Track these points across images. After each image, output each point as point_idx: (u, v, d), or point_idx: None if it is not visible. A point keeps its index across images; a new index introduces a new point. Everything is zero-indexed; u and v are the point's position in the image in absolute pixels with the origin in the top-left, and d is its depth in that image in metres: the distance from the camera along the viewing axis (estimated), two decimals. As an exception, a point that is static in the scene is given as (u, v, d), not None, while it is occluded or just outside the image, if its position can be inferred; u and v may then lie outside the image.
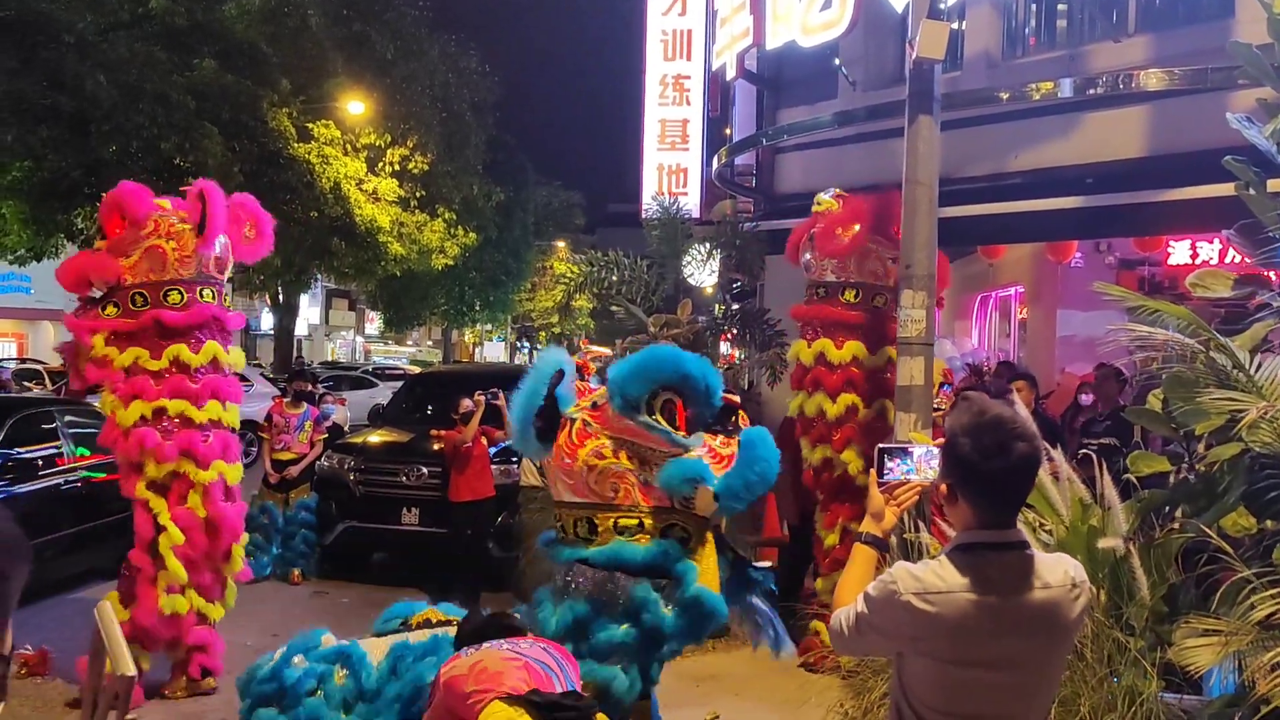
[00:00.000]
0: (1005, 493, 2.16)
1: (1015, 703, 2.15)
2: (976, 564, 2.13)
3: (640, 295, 10.34)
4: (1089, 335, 12.24)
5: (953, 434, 2.16)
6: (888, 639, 2.22)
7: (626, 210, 51.89)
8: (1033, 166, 9.24)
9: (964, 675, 2.12)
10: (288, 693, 3.75)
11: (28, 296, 33.58)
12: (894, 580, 2.16)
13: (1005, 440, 2.09)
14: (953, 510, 2.22)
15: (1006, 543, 2.17)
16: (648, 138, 15.49)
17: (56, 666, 6.49)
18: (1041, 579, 2.14)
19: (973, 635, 2.10)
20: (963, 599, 2.10)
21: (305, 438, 9.75)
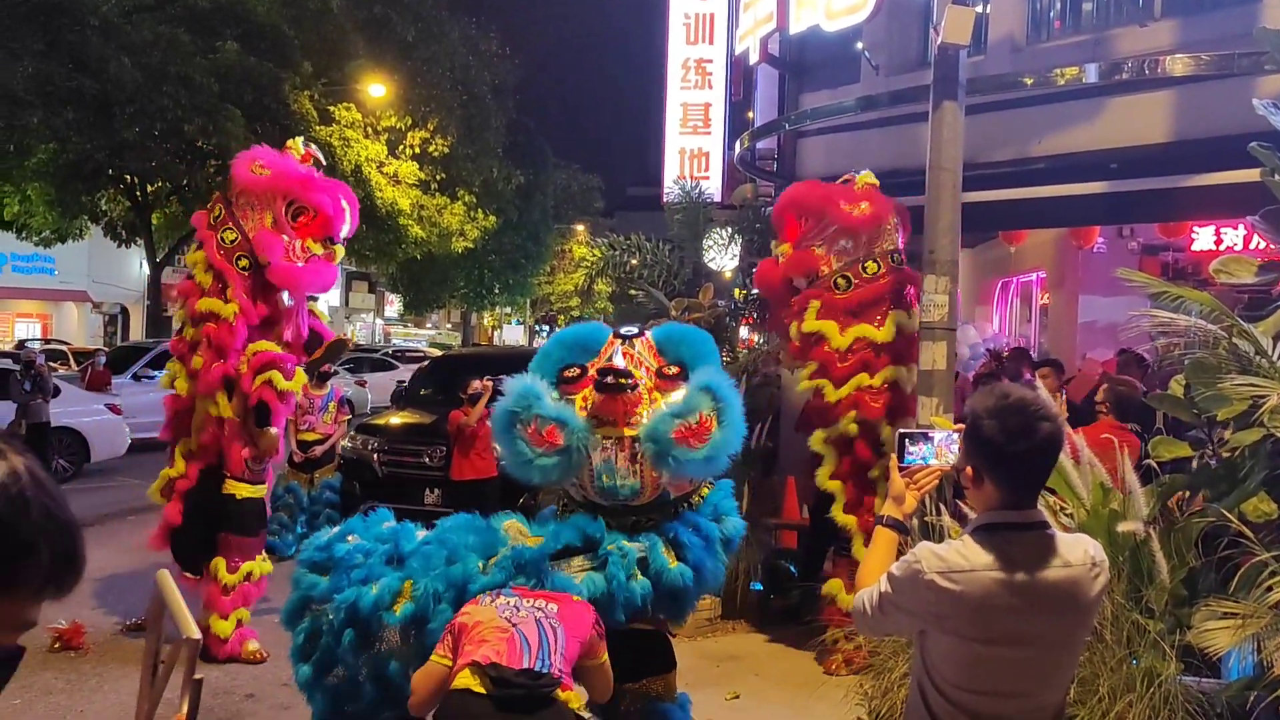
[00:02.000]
0: (1029, 473, 2.22)
1: (1037, 680, 2.21)
2: (999, 543, 2.18)
3: (662, 279, 10.38)
4: (1111, 321, 12.21)
5: (977, 417, 2.21)
6: (912, 617, 2.27)
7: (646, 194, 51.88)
8: (1057, 151, 9.18)
9: (987, 652, 2.17)
10: (335, 564, 3.84)
11: (51, 278, 33.91)
12: (918, 560, 2.21)
13: (1030, 422, 2.14)
14: (977, 492, 2.27)
15: (1028, 523, 2.22)
16: (669, 121, 15.50)
17: (91, 641, 6.61)
18: (1062, 558, 2.19)
19: (996, 613, 2.15)
20: (986, 577, 2.15)
21: (330, 418, 9.78)
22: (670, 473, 3.74)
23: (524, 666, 3.12)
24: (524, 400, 3.81)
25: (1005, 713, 2.20)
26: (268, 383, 6.33)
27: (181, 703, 1.72)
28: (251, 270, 6.38)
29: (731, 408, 3.71)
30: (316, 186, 6.46)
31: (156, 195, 23.16)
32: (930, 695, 2.26)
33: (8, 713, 5.49)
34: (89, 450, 13.30)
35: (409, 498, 9.37)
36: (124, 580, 8.33)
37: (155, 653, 1.80)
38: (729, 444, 3.71)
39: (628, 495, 3.83)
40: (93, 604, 7.57)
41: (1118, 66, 8.50)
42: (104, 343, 32.12)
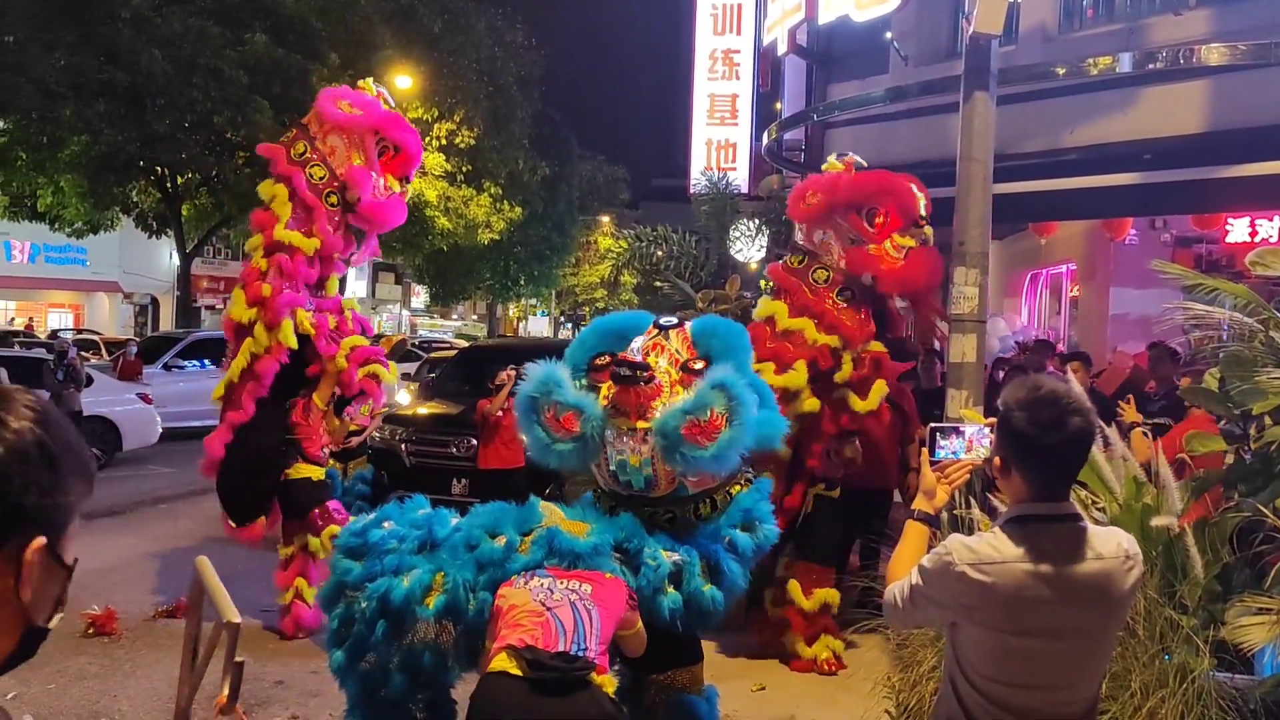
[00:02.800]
0: (1060, 466, 2.20)
1: (1068, 672, 2.19)
2: (1030, 535, 2.17)
3: (688, 270, 10.38)
4: (1142, 314, 12.09)
5: (1008, 408, 2.20)
6: (942, 609, 2.26)
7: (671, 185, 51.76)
8: (1089, 142, 9.12)
9: (1018, 644, 2.16)
10: (369, 549, 3.85)
11: (84, 269, 34.33)
12: (949, 552, 2.21)
13: (1061, 415, 2.12)
14: (1006, 483, 2.26)
15: (1060, 515, 2.21)
16: (696, 112, 15.48)
17: (123, 626, 6.70)
18: (1095, 550, 2.18)
19: (1027, 605, 2.13)
20: (1017, 569, 2.14)
21: (367, 410, 9.78)
22: (679, 468, 3.72)
23: (559, 650, 3.17)
24: (544, 386, 3.84)
25: (1037, 705, 2.18)
26: (372, 375, 6.63)
27: (223, 685, 1.74)
28: (340, 206, 6.53)
29: (744, 406, 3.65)
30: (402, 125, 6.68)
31: (186, 187, 23.36)
32: (961, 687, 2.25)
33: (42, 697, 5.58)
34: (120, 439, 13.47)
35: (436, 488, 9.41)
36: (156, 567, 8.44)
37: (195, 636, 1.82)
38: (738, 443, 3.66)
39: (642, 487, 3.82)
40: (125, 590, 7.66)
41: (1152, 56, 8.42)
42: (135, 333, 32.47)
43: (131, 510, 10.78)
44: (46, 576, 1.12)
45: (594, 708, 3.14)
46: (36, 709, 5.39)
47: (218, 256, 40.02)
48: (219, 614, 1.74)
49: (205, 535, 9.91)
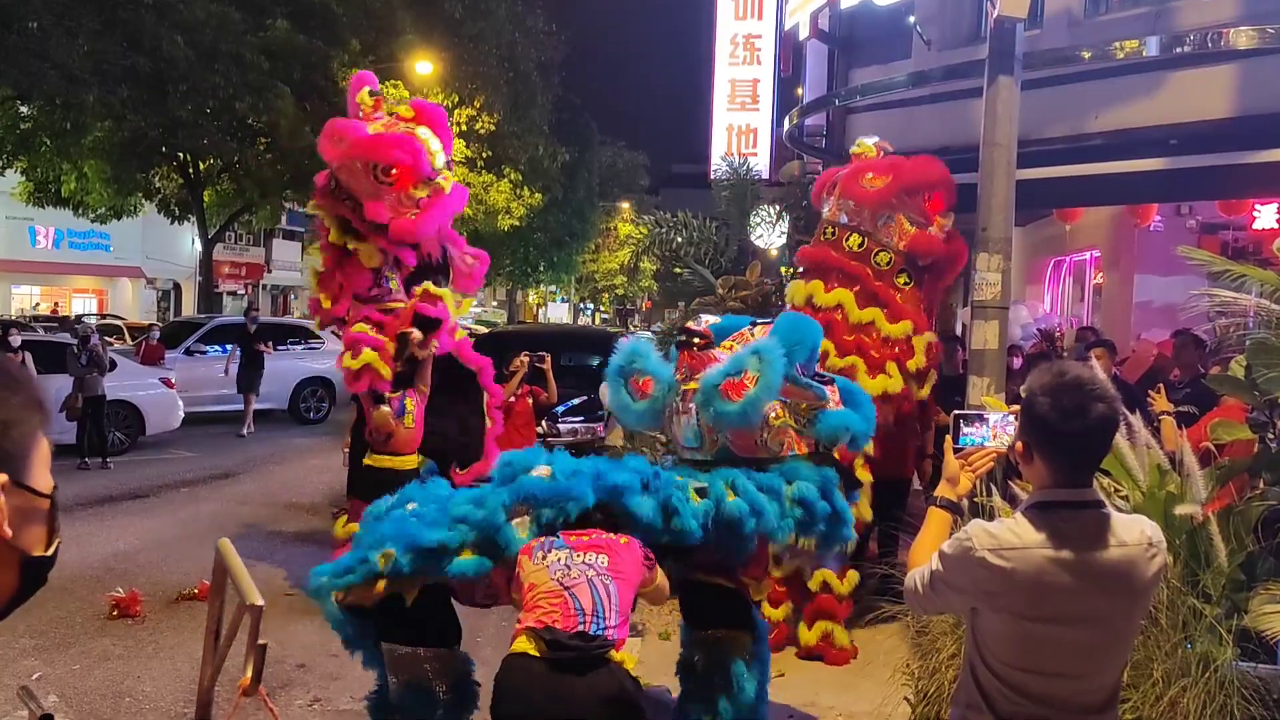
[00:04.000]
0: (1082, 453, 2.18)
1: (1089, 660, 2.17)
2: (1052, 521, 2.15)
3: (708, 256, 10.34)
4: (1167, 301, 11.97)
5: (1032, 394, 2.18)
6: (963, 595, 2.25)
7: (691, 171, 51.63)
8: (1114, 127, 9.00)
9: (1039, 631, 2.14)
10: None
11: (107, 254, 34.60)
12: (969, 537, 2.19)
13: (1084, 402, 2.10)
14: (1029, 469, 2.24)
15: (1083, 501, 2.19)
16: (717, 98, 15.41)
17: (147, 609, 6.77)
18: (1118, 537, 2.15)
19: (1048, 591, 2.12)
20: (1038, 555, 2.12)
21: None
22: (709, 420, 4.08)
23: (577, 629, 3.28)
24: (631, 356, 4.44)
25: (1057, 692, 2.17)
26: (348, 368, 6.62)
27: (246, 666, 1.74)
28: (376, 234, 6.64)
29: (771, 368, 3.88)
30: (385, 143, 6.57)
31: (208, 173, 23.49)
32: (981, 673, 2.24)
33: (67, 677, 5.65)
34: (144, 423, 13.59)
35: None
36: (179, 550, 8.52)
37: (217, 618, 1.83)
38: (760, 400, 3.93)
39: (692, 444, 4.22)
40: (149, 573, 7.74)
41: (1179, 39, 8.31)
42: (157, 318, 32.71)
43: (154, 494, 10.89)
44: (23, 508, 1.12)
45: (612, 684, 3.24)
46: (61, 689, 5.46)
47: (239, 242, 40.25)
48: (241, 596, 1.75)
49: (227, 518, 10.00)
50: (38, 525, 1.15)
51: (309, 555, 8.48)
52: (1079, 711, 2.18)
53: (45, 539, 1.16)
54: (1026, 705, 2.17)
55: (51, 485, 1.17)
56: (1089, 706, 2.20)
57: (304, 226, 39.71)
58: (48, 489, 1.16)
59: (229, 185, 24.21)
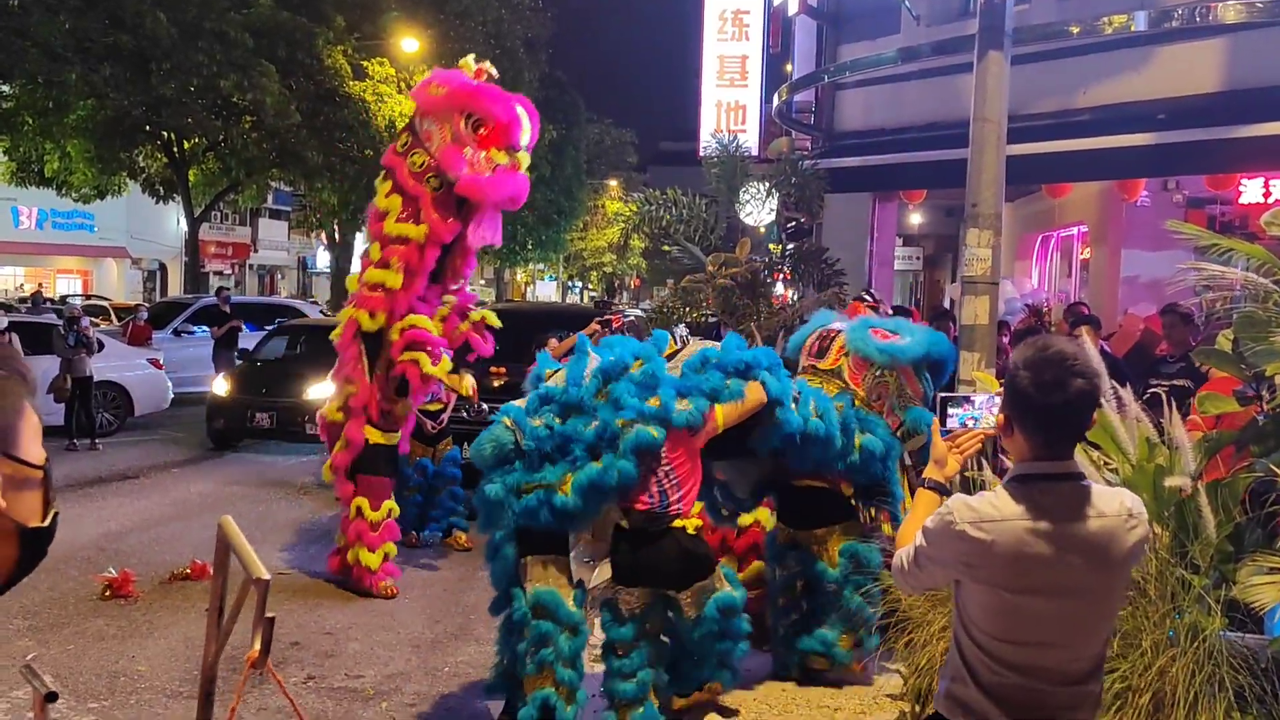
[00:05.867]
0: (1062, 427, 2.19)
1: (1070, 631, 2.20)
2: (1032, 493, 2.18)
3: (698, 234, 10.31)
4: (1154, 276, 12.03)
5: (1014, 367, 2.21)
6: (945, 569, 2.28)
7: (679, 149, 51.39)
8: (1103, 102, 9.03)
9: (1020, 602, 2.16)
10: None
11: (91, 234, 34.33)
12: (950, 511, 2.22)
13: (1064, 376, 2.12)
14: (1010, 442, 2.27)
15: (1063, 474, 2.21)
16: (706, 74, 15.33)
17: (140, 589, 6.77)
18: (1096, 508, 2.18)
19: (1028, 562, 2.14)
20: (1018, 526, 2.14)
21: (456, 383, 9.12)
22: (851, 341, 5.18)
23: (646, 509, 4.39)
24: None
25: (1040, 663, 2.20)
26: (414, 362, 6.57)
27: (254, 640, 1.75)
28: (443, 189, 6.56)
29: (916, 346, 5.12)
30: (490, 96, 6.57)
31: (193, 151, 23.30)
32: (965, 645, 2.27)
33: (61, 658, 5.65)
34: (132, 404, 13.54)
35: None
36: (170, 530, 8.52)
37: (221, 595, 1.84)
38: (896, 352, 5.11)
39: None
40: (141, 553, 7.74)
41: (1167, 14, 8.31)
42: (143, 298, 32.52)
43: (144, 475, 10.87)
44: (15, 479, 1.13)
45: (675, 547, 4.42)
46: (56, 670, 5.46)
47: (225, 222, 39.99)
48: (247, 571, 1.76)
49: (218, 498, 9.99)
50: (32, 496, 1.16)
51: (300, 535, 8.51)
52: (1061, 682, 2.21)
53: (41, 510, 1.17)
54: (1009, 675, 2.20)
55: (43, 457, 1.17)
56: (1071, 677, 2.22)
57: (290, 205, 39.48)
58: (39, 460, 1.17)
59: (214, 164, 24.03)
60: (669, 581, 4.46)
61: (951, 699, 2.30)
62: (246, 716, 5.02)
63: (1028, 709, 2.21)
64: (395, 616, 6.51)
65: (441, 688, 5.43)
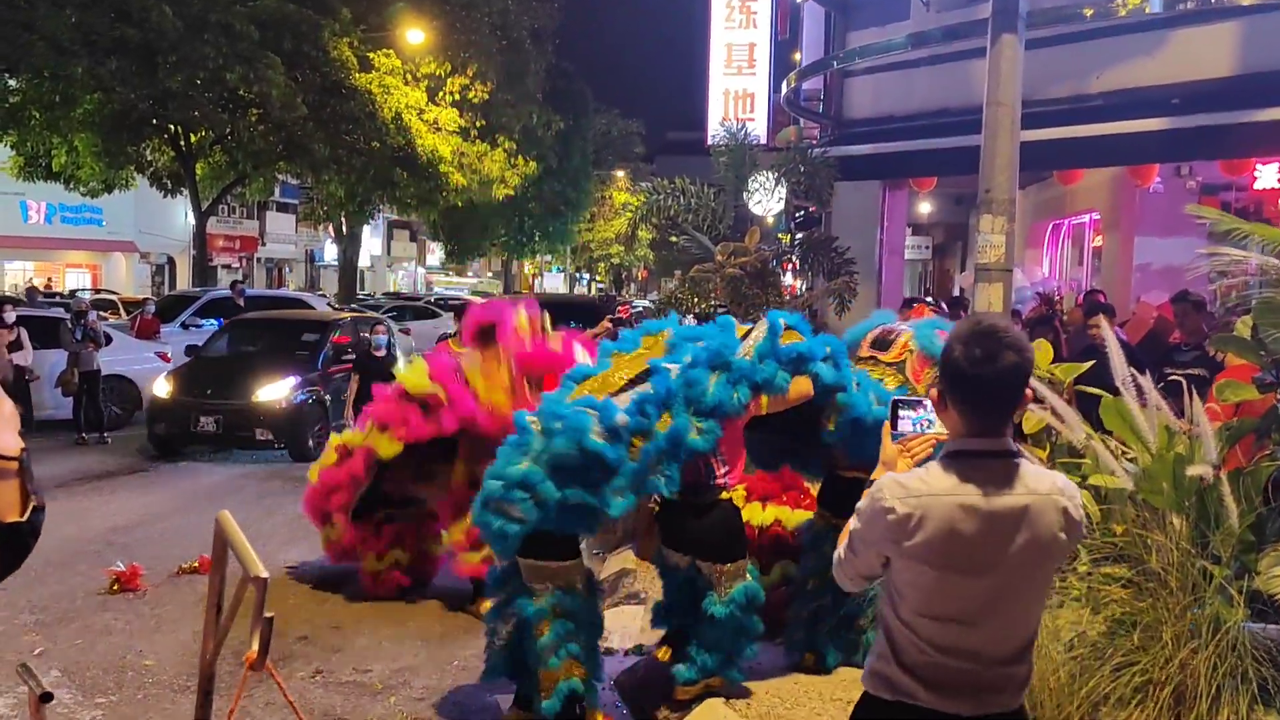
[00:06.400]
0: (992, 401, 2.18)
1: (997, 609, 2.17)
2: (963, 469, 2.17)
3: (706, 223, 10.22)
4: (1167, 263, 11.91)
5: (949, 341, 2.21)
6: (876, 548, 2.25)
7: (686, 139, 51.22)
8: (1116, 87, 8.93)
9: (947, 578, 2.15)
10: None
11: (100, 229, 34.36)
12: (880, 488, 2.22)
13: (995, 349, 2.12)
14: (945, 417, 2.27)
15: (995, 451, 2.20)
16: (714, 62, 15.20)
17: (147, 583, 6.74)
18: (1026, 485, 2.16)
19: (955, 538, 2.13)
20: (947, 501, 2.14)
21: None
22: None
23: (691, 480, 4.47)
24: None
25: (964, 644, 2.17)
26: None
27: (252, 640, 1.70)
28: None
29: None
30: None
31: (200, 145, 23.26)
32: (893, 624, 2.25)
33: (69, 652, 5.63)
34: (140, 397, 13.53)
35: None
36: (179, 523, 8.49)
37: (219, 592, 1.78)
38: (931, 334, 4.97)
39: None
40: (148, 547, 7.71)
41: (1182, -4, 8.19)
42: (151, 292, 32.56)
43: (152, 468, 10.86)
44: None
45: (721, 515, 4.61)
46: (64, 664, 5.44)
47: (233, 215, 40.00)
48: (245, 569, 1.70)
49: (227, 491, 9.97)
50: (7, 488, 1.09)
51: (309, 527, 8.45)
52: (988, 663, 2.19)
53: (19, 504, 1.10)
54: (933, 655, 2.18)
55: (19, 447, 1.11)
56: (997, 658, 2.20)
57: (297, 199, 39.48)
58: (13, 451, 1.10)
59: (221, 157, 24.00)
60: (710, 552, 4.64)
61: (877, 676, 2.29)
62: (254, 711, 4.98)
63: (952, 688, 2.20)
64: (403, 610, 6.46)
65: (451, 681, 5.39)
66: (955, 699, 2.20)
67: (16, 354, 11.69)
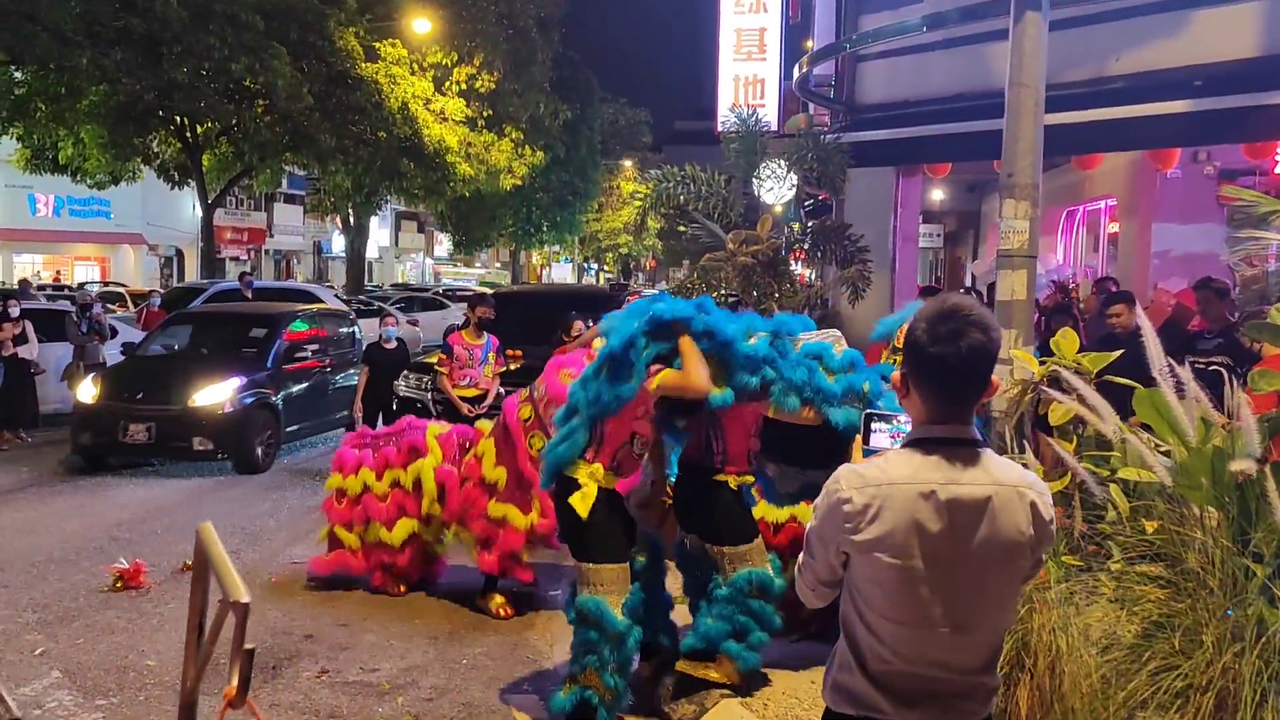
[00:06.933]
0: (955, 383, 2.06)
1: (962, 609, 2.06)
2: (924, 457, 2.07)
3: (717, 211, 10.05)
4: (1185, 250, 11.71)
5: (914, 322, 2.11)
6: (834, 544, 2.12)
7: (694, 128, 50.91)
8: (1136, 69, 8.72)
9: (909, 575, 2.03)
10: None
11: (108, 221, 34.32)
12: (836, 479, 2.12)
13: (959, 328, 2.02)
14: (907, 403, 2.15)
15: (957, 439, 2.09)
16: (723, 48, 15.01)
17: (152, 580, 6.63)
18: (991, 475, 2.06)
19: (916, 529, 2.02)
20: (905, 490, 2.04)
21: (490, 370, 8.71)
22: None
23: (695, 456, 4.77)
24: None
25: (930, 651, 2.05)
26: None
27: (231, 673, 1.54)
28: None
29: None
30: None
31: (206, 136, 23.14)
32: (857, 630, 2.12)
33: (70, 651, 5.51)
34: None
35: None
36: (184, 518, 8.38)
37: (200, 611, 1.63)
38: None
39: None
40: (153, 543, 7.60)
41: (1206, -25, 7.99)
42: (160, 285, 32.49)
43: (158, 462, 10.74)
44: None
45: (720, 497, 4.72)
46: (64, 664, 5.33)
47: (240, 207, 39.92)
48: (224, 591, 1.55)
49: (232, 485, 9.87)
50: None
51: (317, 523, 8.32)
52: (955, 672, 2.08)
53: None
54: (897, 664, 2.07)
55: None
56: (964, 667, 2.09)
57: (304, 190, 39.36)
58: None
59: (227, 149, 23.88)
60: (713, 534, 4.76)
61: (838, 690, 2.17)
62: (259, 712, 4.86)
63: (917, 699, 2.08)
64: (411, 607, 6.33)
65: (460, 681, 5.26)
66: (921, 710, 2.09)
67: (21, 347, 11.58)
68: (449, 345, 8.87)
